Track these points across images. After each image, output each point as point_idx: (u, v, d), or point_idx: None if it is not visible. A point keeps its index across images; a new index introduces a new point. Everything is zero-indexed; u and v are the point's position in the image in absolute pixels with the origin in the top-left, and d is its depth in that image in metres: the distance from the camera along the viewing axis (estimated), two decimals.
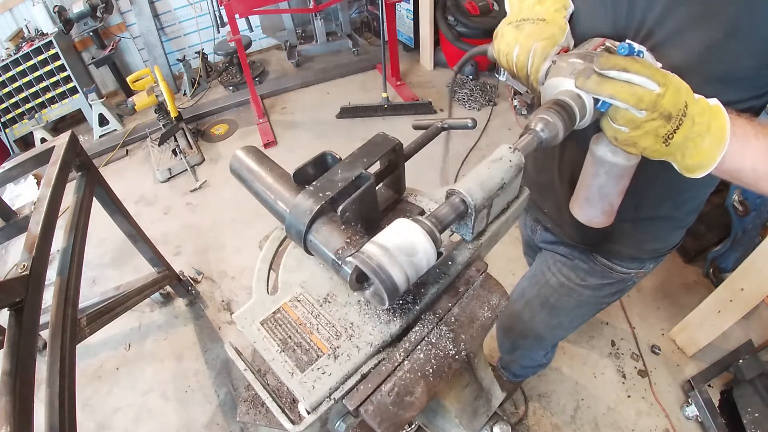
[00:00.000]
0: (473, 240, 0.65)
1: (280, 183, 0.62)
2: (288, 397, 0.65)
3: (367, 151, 0.63)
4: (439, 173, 3.14)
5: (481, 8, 3.68)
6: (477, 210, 0.59)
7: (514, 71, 0.73)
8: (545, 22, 0.69)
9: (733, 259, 2.20)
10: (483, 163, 0.62)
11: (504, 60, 0.73)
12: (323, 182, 0.59)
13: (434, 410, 0.70)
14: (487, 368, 0.68)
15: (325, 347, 0.57)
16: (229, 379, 2.22)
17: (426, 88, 4.09)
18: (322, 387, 0.54)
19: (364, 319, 0.59)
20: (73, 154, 1.68)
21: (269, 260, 0.68)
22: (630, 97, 0.58)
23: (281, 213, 0.61)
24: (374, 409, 0.54)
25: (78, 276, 1.59)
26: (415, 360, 0.57)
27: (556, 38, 0.68)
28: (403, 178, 0.72)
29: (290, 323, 0.59)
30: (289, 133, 3.78)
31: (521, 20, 0.71)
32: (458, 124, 0.74)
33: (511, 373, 1.90)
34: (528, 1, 0.75)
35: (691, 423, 1.91)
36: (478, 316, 0.61)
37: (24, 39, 3.79)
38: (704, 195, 1.01)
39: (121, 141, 3.84)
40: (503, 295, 0.63)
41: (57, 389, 1.29)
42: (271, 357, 0.57)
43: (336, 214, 0.57)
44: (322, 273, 0.65)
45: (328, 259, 0.56)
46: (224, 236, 2.97)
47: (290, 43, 4.72)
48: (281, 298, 0.62)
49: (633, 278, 1.16)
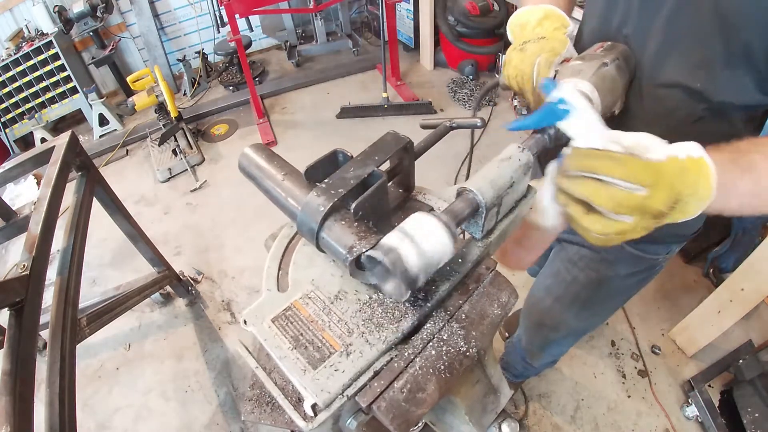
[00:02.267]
0: (483, 238, 0.65)
1: (291, 180, 0.63)
2: (293, 396, 0.65)
3: (379, 149, 0.63)
4: (441, 172, 3.14)
5: (482, 8, 3.69)
6: (488, 208, 0.59)
7: (525, 90, 0.75)
8: (546, 39, 0.73)
9: (733, 259, 2.21)
10: (492, 161, 0.62)
11: (515, 84, 0.76)
12: (335, 180, 0.59)
13: (443, 407, 0.70)
14: (496, 365, 0.69)
15: (337, 344, 0.57)
16: (229, 379, 2.22)
17: (426, 88, 4.09)
18: (335, 384, 0.54)
19: (375, 316, 0.59)
20: (73, 154, 1.67)
21: (279, 258, 0.68)
22: (607, 201, 0.52)
23: (292, 210, 0.61)
24: (387, 406, 0.54)
25: (78, 276, 1.58)
26: (426, 357, 0.57)
27: (557, 50, 0.71)
28: (412, 177, 0.73)
29: (301, 320, 0.59)
30: (290, 133, 3.78)
31: (524, 43, 0.74)
32: (467, 124, 0.74)
33: (512, 374, 1.91)
34: (529, 26, 0.78)
35: (691, 423, 1.92)
36: (488, 313, 0.61)
37: (24, 39, 3.78)
38: None
39: (121, 141, 3.83)
40: (512, 292, 0.64)
41: (57, 389, 1.28)
42: (283, 354, 0.56)
43: (348, 211, 0.57)
44: (333, 270, 0.65)
45: (341, 256, 0.56)
46: (224, 236, 2.97)
47: (290, 43, 4.72)
48: (292, 296, 0.62)
49: (661, 262, 1.16)
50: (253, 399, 0.83)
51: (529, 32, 0.77)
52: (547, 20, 0.77)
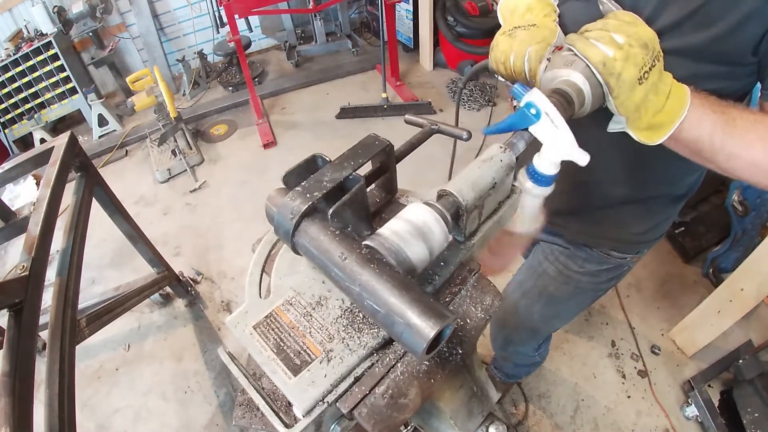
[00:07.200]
0: (465, 240, 0.65)
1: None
2: (284, 401, 0.64)
3: (357, 152, 0.62)
4: (441, 173, 3.13)
5: (481, 8, 3.68)
6: (468, 210, 0.59)
7: (513, 77, 0.75)
8: (536, 27, 0.71)
9: (732, 259, 2.20)
10: (473, 162, 0.62)
11: (502, 68, 0.75)
12: (311, 183, 0.59)
13: (429, 411, 0.70)
14: (481, 368, 0.68)
15: (318, 350, 0.56)
16: (229, 379, 2.22)
17: (425, 88, 4.08)
18: (315, 390, 0.54)
19: (356, 322, 0.59)
20: (72, 154, 1.68)
21: (261, 264, 0.68)
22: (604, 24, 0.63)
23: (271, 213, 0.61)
24: (368, 412, 0.53)
25: (77, 276, 1.59)
26: (408, 362, 0.57)
27: (547, 40, 0.70)
28: (394, 180, 0.72)
29: (283, 327, 0.59)
30: (289, 133, 3.78)
31: (513, 29, 0.73)
32: (451, 132, 0.74)
33: (503, 373, 1.90)
34: (518, 11, 0.78)
35: (691, 423, 1.91)
36: (471, 317, 0.61)
37: (23, 39, 3.78)
38: (693, 180, 1.04)
39: (121, 141, 3.84)
40: (496, 294, 0.63)
41: (56, 390, 1.29)
42: (264, 361, 0.56)
43: (325, 215, 0.56)
44: (314, 276, 0.65)
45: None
46: (224, 236, 2.97)
47: (290, 43, 4.71)
48: (273, 302, 0.62)
49: (629, 263, 1.20)
50: (243, 404, 0.83)
51: (518, 18, 0.76)
52: (536, 6, 0.76)
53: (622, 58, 0.60)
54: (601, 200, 1.06)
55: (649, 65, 0.61)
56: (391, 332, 0.51)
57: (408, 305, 0.48)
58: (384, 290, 0.49)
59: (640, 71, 0.61)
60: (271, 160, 3.52)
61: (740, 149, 0.66)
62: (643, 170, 0.95)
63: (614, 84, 0.62)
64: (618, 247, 1.14)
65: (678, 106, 0.64)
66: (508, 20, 0.79)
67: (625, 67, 0.60)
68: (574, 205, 1.10)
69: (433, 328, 0.46)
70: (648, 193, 1.02)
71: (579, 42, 0.64)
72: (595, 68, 0.62)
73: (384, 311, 0.49)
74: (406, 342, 0.48)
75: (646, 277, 2.44)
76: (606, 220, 1.09)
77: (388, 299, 0.49)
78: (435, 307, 0.48)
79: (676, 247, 2.53)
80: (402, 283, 0.50)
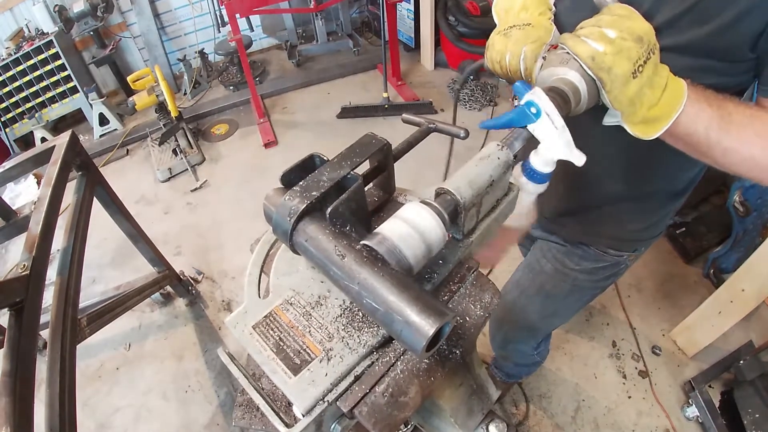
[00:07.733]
0: (464, 238, 0.65)
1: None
2: (284, 401, 0.64)
3: (355, 151, 0.62)
4: (440, 172, 3.12)
5: (482, 8, 3.67)
6: (466, 208, 0.59)
7: (509, 76, 0.74)
8: (531, 26, 0.71)
9: (733, 259, 2.19)
10: (471, 160, 0.62)
11: (498, 68, 0.75)
12: (309, 182, 0.58)
13: (429, 410, 0.70)
14: (481, 366, 0.68)
15: (317, 350, 0.56)
16: (230, 379, 2.22)
17: (427, 88, 4.08)
18: (315, 390, 0.54)
19: (356, 321, 0.59)
20: (73, 153, 1.68)
21: (260, 264, 0.68)
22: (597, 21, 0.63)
23: (269, 213, 0.61)
24: (368, 411, 0.53)
25: (78, 276, 1.59)
26: (408, 360, 0.57)
27: (543, 39, 0.69)
28: (392, 179, 0.72)
29: (282, 327, 0.59)
30: (290, 133, 3.78)
31: (508, 28, 0.73)
32: (449, 130, 0.73)
33: (504, 373, 1.90)
34: (513, 10, 0.77)
35: (692, 423, 1.90)
36: (470, 314, 0.61)
37: (24, 38, 3.79)
38: (692, 176, 1.03)
39: (122, 140, 3.84)
40: (495, 292, 0.63)
41: (57, 389, 1.29)
42: (264, 361, 0.56)
43: (323, 214, 0.56)
44: (313, 275, 0.65)
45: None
46: (224, 236, 2.97)
47: (291, 42, 4.71)
48: (273, 302, 0.62)
49: (626, 261, 1.19)
50: (243, 404, 0.83)
51: (513, 17, 0.76)
52: (531, 4, 0.76)
53: (613, 52, 0.60)
54: (598, 197, 1.06)
55: (644, 59, 0.61)
56: (390, 330, 0.50)
57: (407, 303, 0.48)
58: (383, 288, 0.49)
59: (633, 65, 0.60)
60: (272, 160, 3.52)
61: (737, 144, 0.65)
62: (640, 166, 0.95)
63: (606, 78, 0.61)
64: (615, 245, 1.14)
65: (674, 100, 0.63)
66: (503, 19, 0.78)
67: (616, 60, 0.60)
68: (571, 202, 1.10)
69: (433, 326, 0.46)
70: (645, 189, 1.01)
71: (570, 40, 0.64)
72: (584, 63, 0.62)
73: (383, 309, 0.49)
74: (406, 340, 0.48)
75: (647, 278, 2.44)
76: (603, 217, 1.09)
77: (387, 297, 0.49)
78: (434, 304, 0.48)
79: (677, 248, 2.52)
80: (401, 281, 0.50)
